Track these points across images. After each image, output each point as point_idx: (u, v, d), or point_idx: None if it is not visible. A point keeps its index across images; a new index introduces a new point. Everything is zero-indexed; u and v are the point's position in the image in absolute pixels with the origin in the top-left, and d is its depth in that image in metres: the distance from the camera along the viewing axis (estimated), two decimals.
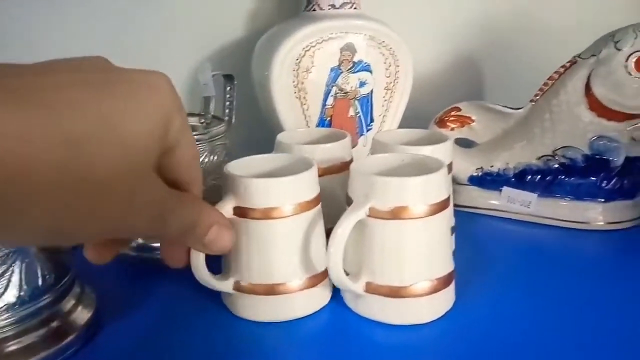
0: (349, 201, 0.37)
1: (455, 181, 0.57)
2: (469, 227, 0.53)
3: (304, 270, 0.37)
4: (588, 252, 0.49)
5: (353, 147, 0.51)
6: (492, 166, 0.55)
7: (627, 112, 0.49)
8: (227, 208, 0.36)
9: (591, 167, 0.51)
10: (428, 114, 0.58)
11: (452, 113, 0.57)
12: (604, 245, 0.50)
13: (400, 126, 0.59)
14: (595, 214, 0.51)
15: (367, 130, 0.58)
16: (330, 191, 0.41)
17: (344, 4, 0.55)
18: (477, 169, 0.55)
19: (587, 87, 0.50)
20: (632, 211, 0.51)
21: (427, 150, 0.43)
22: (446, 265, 0.38)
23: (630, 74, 0.49)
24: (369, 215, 0.35)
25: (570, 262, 0.47)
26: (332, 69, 0.55)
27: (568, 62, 0.52)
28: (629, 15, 0.53)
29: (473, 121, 0.57)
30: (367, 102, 0.57)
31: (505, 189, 0.54)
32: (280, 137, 0.46)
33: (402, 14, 0.66)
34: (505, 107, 0.55)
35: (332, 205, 0.39)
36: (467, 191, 0.56)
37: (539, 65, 0.56)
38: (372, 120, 0.58)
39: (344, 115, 0.57)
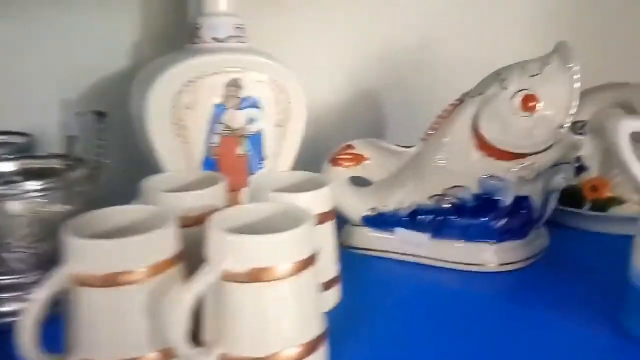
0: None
1: (349, 222, 0.55)
2: (361, 271, 0.51)
3: (158, 341, 0.33)
4: (482, 294, 0.47)
5: (241, 188, 0.48)
6: (385, 206, 0.53)
7: (515, 152, 0.49)
8: (57, 277, 0.31)
9: (481, 207, 0.50)
10: (328, 151, 0.56)
11: (346, 151, 0.54)
12: (498, 287, 0.49)
13: (298, 164, 0.56)
14: (488, 255, 0.50)
15: (259, 169, 0.55)
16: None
17: (230, 37, 0.52)
18: (370, 209, 0.53)
19: (475, 126, 0.50)
20: (523, 251, 0.51)
21: (304, 198, 0.40)
22: (315, 328, 0.34)
23: (516, 114, 0.48)
24: (223, 279, 0.32)
25: (464, 305, 0.45)
26: (216, 106, 0.51)
27: (457, 100, 0.51)
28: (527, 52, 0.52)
29: (367, 159, 0.55)
30: (257, 139, 0.54)
31: (398, 229, 0.52)
32: (145, 182, 0.41)
33: (298, 49, 0.64)
34: (398, 145, 0.54)
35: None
36: (361, 232, 0.54)
37: (439, 100, 0.55)
38: (263, 159, 0.55)
39: (232, 153, 0.53)
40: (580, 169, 0.59)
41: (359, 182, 0.56)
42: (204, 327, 0.33)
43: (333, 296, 0.44)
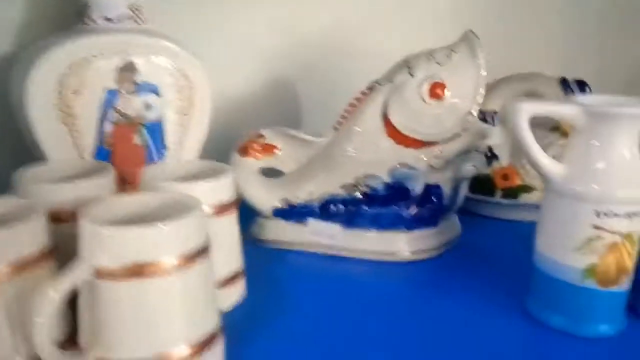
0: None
1: (260, 214, 0.52)
2: (272, 265, 0.48)
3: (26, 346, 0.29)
4: (393, 283, 0.46)
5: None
6: (296, 197, 0.50)
7: (424, 140, 0.48)
8: None
9: (392, 196, 0.49)
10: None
11: (256, 141, 0.52)
12: (410, 276, 0.48)
13: (210, 155, 0.53)
14: (400, 244, 0.49)
15: (160, 160, 0.51)
16: None
17: (123, 17, 0.47)
18: (281, 200, 0.51)
19: (385, 114, 0.48)
20: (435, 239, 0.50)
21: (199, 188, 0.37)
22: (208, 325, 0.31)
23: (424, 101, 0.47)
24: (97, 276, 0.28)
25: (375, 295, 0.44)
26: (108, 91, 0.47)
27: (367, 88, 0.50)
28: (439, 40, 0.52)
29: (278, 149, 0.52)
30: (156, 128, 0.50)
31: (310, 221, 0.50)
32: (19, 173, 0.37)
33: (209, 37, 0.60)
34: (305, 133, 0.52)
35: None
36: (272, 225, 0.51)
37: (355, 90, 0.53)
38: (164, 148, 0.51)
39: (128, 143, 0.49)
40: (492, 158, 0.60)
41: (270, 173, 0.53)
42: (80, 330, 0.30)
43: (236, 292, 0.41)
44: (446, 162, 0.49)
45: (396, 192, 0.49)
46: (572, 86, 0.57)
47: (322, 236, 0.50)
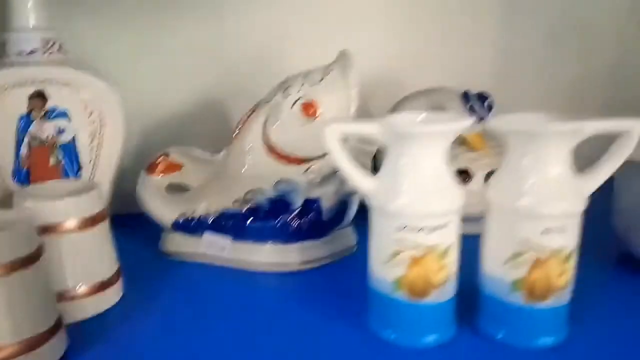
0: None
1: (163, 228, 0.56)
2: (165, 276, 0.52)
3: None
4: (263, 294, 0.49)
5: None
6: (194, 212, 0.55)
7: (301, 157, 0.51)
8: None
9: (275, 210, 0.52)
10: None
11: (161, 159, 0.56)
12: (280, 286, 0.50)
13: (133, 172, 0.58)
14: (284, 256, 0.52)
15: (76, 178, 0.57)
16: None
17: (36, 51, 0.53)
18: (179, 215, 0.55)
19: (265, 133, 0.52)
20: (318, 251, 0.53)
21: (64, 203, 0.42)
22: (36, 327, 0.36)
23: (298, 120, 0.50)
24: None
25: (245, 305, 0.46)
26: (21, 117, 0.53)
27: (253, 107, 0.53)
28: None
29: (182, 167, 0.57)
30: (70, 149, 0.56)
31: (205, 234, 0.54)
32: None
33: (136, 57, 0.66)
34: (206, 152, 0.56)
35: None
36: (174, 238, 0.56)
37: None
38: (79, 168, 0.56)
39: (45, 164, 0.55)
40: None
41: (182, 188, 0.58)
42: None
43: (110, 296, 0.46)
44: (325, 178, 0.52)
45: (278, 206, 0.52)
46: (472, 99, 0.59)
47: (214, 249, 0.54)
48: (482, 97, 0.59)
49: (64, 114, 0.54)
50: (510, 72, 0.77)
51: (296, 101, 0.50)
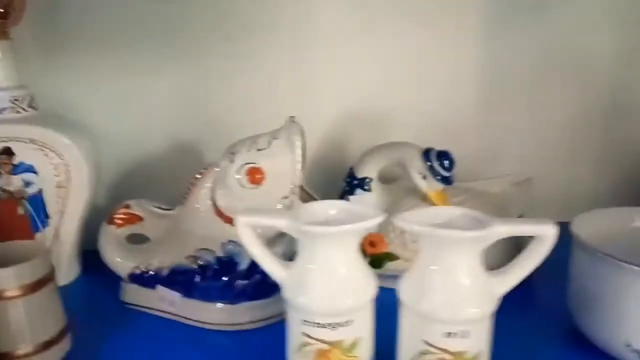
0: None
1: (121, 279, 0.58)
2: (123, 329, 0.54)
3: None
4: (226, 351, 0.50)
5: None
6: (149, 264, 0.56)
7: None
8: None
9: (222, 269, 0.53)
10: None
11: (122, 210, 0.58)
12: (247, 344, 0.51)
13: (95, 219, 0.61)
14: (231, 315, 0.53)
15: (44, 227, 0.59)
16: None
17: (5, 109, 0.56)
18: (135, 267, 0.57)
19: (213, 196, 0.53)
20: (265, 310, 0.53)
21: (6, 273, 0.44)
22: None
23: (243, 186, 0.51)
24: None
25: None
26: None
27: (204, 168, 0.54)
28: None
29: (142, 219, 0.58)
30: (37, 200, 0.58)
31: (158, 287, 0.56)
32: None
33: (112, 99, 0.69)
34: (160, 207, 0.58)
35: None
36: (131, 289, 0.58)
37: None
38: (47, 217, 0.59)
39: (13, 214, 0.58)
40: None
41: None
42: None
43: (50, 357, 0.48)
44: (271, 240, 0.52)
45: (225, 266, 0.53)
46: (432, 158, 0.58)
47: (165, 303, 0.55)
48: (442, 156, 0.58)
49: (30, 169, 0.57)
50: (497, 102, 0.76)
51: (242, 167, 0.51)
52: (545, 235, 0.35)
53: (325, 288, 0.37)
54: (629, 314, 0.43)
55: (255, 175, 0.51)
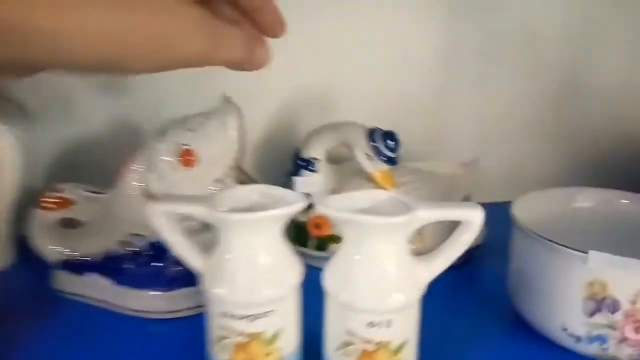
0: None
1: (50, 265, 0.56)
2: (53, 318, 0.52)
3: None
4: (145, 343, 0.48)
5: None
6: (80, 250, 0.54)
7: None
8: None
9: (155, 255, 0.51)
10: None
11: (53, 194, 0.55)
12: (169, 333, 0.50)
13: None
14: (160, 302, 0.51)
15: None
16: None
17: None
18: (67, 252, 0.54)
19: (144, 180, 0.50)
20: (198, 298, 0.51)
21: None
22: None
23: (174, 167, 0.49)
24: None
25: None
26: None
27: (135, 150, 0.52)
28: None
29: (74, 203, 0.56)
30: None
31: (89, 274, 0.53)
32: None
33: None
34: (93, 191, 0.55)
35: None
36: (62, 275, 0.55)
37: None
38: None
39: None
40: (308, 207, 0.60)
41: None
42: None
43: None
44: (206, 225, 0.50)
45: (158, 251, 0.50)
46: (377, 139, 0.56)
47: (95, 290, 0.53)
48: (387, 136, 0.56)
49: None
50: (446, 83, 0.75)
51: (172, 148, 0.48)
52: (472, 221, 0.34)
53: (242, 278, 0.35)
54: (565, 297, 0.42)
55: (186, 158, 0.48)
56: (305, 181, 0.60)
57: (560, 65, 0.76)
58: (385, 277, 0.34)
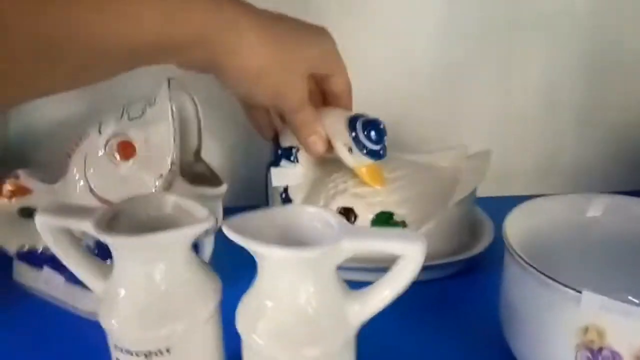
0: None
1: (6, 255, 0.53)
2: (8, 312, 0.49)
3: None
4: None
5: None
6: (37, 242, 0.50)
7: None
8: None
9: (102, 254, 0.46)
10: None
11: (10, 181, 0.52)
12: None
13: None
14: None
15: None
16: None
17: None
18: (22, 244, 0.51)
19: (85, 174, 0.45)
20: None
21: None
22: None
23: (112, 160, 0.43)
24: None
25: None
26: None
27: (78, 138, 0.46)
28: None
29: (31, 191, 0.52)
30: None
31: (45, 269, 0.50)
32: None
33: None
34: (45, 180, 0.50)
35: None
36: (20, 268, 0.52)
37: None
38: None
39: None
40: (286, 200, 0.53)
41: None
42: None
43: None
44: None
45: (105, 250, 0.46)
46: (358, 128, 0.48)
47: (49, 286, 0.50)
48: (368, 125, 0.47)
49: None
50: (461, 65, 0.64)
51: (111, 138, 0.43)
52: (410, 256, 0.26)
53: (134, 309, 0.29)
54: (556, 341, 0.34)
55: (124, 149, 0.43)
56: (282, 172, 0.53)
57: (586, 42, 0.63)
58: (298, 320, 0.27)
